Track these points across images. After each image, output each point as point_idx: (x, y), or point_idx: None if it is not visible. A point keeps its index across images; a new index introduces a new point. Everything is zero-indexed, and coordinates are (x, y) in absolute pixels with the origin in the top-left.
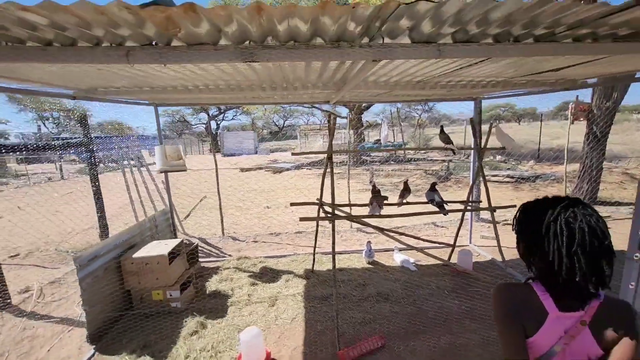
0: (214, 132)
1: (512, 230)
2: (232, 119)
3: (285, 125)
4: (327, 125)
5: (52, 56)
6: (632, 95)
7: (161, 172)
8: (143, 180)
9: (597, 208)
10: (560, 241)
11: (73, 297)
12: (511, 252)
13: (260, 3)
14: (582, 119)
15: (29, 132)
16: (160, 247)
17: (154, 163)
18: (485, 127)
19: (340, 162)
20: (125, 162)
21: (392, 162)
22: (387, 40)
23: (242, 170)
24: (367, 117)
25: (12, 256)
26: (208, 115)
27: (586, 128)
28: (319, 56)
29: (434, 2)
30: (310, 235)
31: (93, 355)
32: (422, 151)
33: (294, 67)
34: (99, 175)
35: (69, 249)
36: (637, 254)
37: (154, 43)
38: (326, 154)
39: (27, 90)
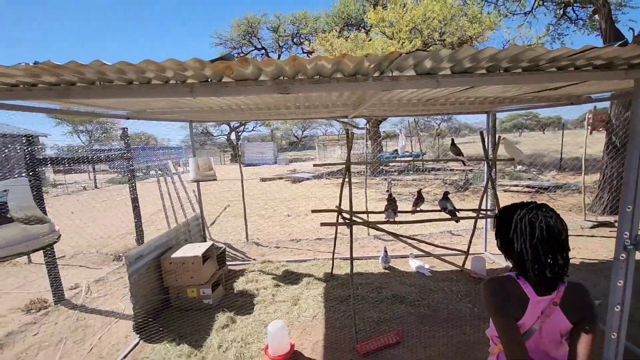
0: (234, 143)
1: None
2: (252, 130)
3: (303, 136)
4: (344, 135)
5: (134, 91)
6: None
7: (194, 182)
8: (175, 189)
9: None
10: (524, 236)
11: (116, 294)
12: None
13: (295, 56)
14: (600, 129)
15: (63, 145)
16: (194, 249)
17: (180, 172)
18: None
19: (358, 172)
20: (155, 172)
21: (410, 172)
22: (395, 73)
23: (262, 180)
24: (384, 127)
25: (59, 257)
26: (229, 127)
27: (605, 138)
28: (339, 88)
29: (427, 51)
30: (329, 241)
31: (138, 343)
32: (441, 161)
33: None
34: (127, 185)
35: (109, 252)
36: (622, 255)
37: (209, 80)
38: (345, 165)
39: (94, 113)
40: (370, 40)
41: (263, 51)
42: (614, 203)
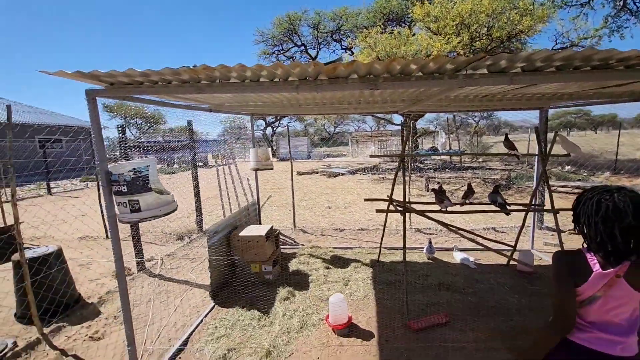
0: (269, 138)
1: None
2: (287, 125)
3: (335, 132)
4: (378, 132)
5: (248, 87)
6: None
7: (254, 170)
8: (231, 178)
9: None
10: (588, 212)
11: (185, 267)
12: None
13: (394, 56)
14: None
15: (114, 137)
16: (258, 229)
17: (219, 165)
18: (550, 135)
19: (392, 169)
20: (212, 162)
21: (447, 170)
22: (469, 71)
23: (299, 173)
24: (419, 123)
25: (129, 235)
26: (265, 122)
27: None
28: (421, 85)
29: (504, 52)
30: (372, 232)
31: (214, 307)
32: (480, 159)
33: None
34: (172, 174)
35: (172, 232)
36: None
37: (307, 78)
38: (399, 157)
39: (187, 106)
40: (414, 35)
41: (302, 47)
42: None
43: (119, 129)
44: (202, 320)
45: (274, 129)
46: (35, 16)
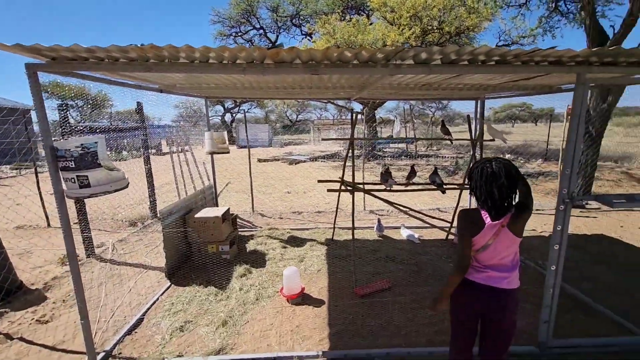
0: (229, 125)
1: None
2: (247, 111)
3: (297, 119)
4: (340, 120)
5: (196, 67)
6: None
7: (209, 154)
8: (186, 162)
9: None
10: (476, 177)
11: (139, 252)
12: None
13: (329, 46)
14: None
15: (52, 120)
16: (214, 211)
17: (174, 151)
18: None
19: (355, 156)
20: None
21: (402, 158)
22: (398, 61)
23: (259, 160)
24: (379, 113)
25: (75, 223)
26: (224, 107)
27: (568, 128)
28: (355, 72)
29: (423, 47)
30: (328, 214)
31: (170, 286)
32: (434, 148)
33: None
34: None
35: (123, 219)
36: (562, 206)
37: (254, 61)
38: (349, 140)
39: (137, 86)
40: (371, 24)
41: (261, 31)
42: (587, 188)
43: (61, 108)
44: (158, 299)
45: (234, 115)
46: None
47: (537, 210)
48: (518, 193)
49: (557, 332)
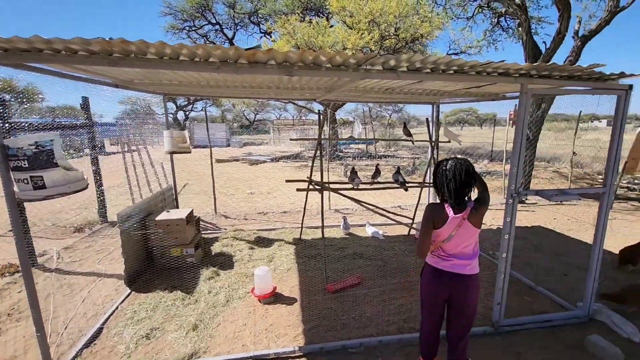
0: (181, 123)
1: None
2: (202, 110)
3: (256, 119)
4: (300, 120)
5: (166, 64)
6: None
7: (169, 153)
8: (135, 164)
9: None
10: (441, 175)
11: (90, 259)
12: None
13: (302, 49)
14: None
15: None
16: (177, 213)
17: (126, 150)
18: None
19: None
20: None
21: (364, 158)
22: (368, 67)
23: (218, 161)
24: (339, 114)
25: (11, 230)
26: (176, 105)
27: (514, 132)
28: (330, 75)
29: (392, 55)
30: (294, 214)
31: (130, 293)
32: (392, 149)
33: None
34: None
35: (67, 225)
36: (510, 200)
37: (228, 61)
38: (317, 140)
39: (82, 78)
40: (331, 26)
41: (217, 26)
42: (526, 185)
43: None
44: (117, 307)
45: (187, 113)
46: None
47: None
48: (475, 189)
49: (507, 313)
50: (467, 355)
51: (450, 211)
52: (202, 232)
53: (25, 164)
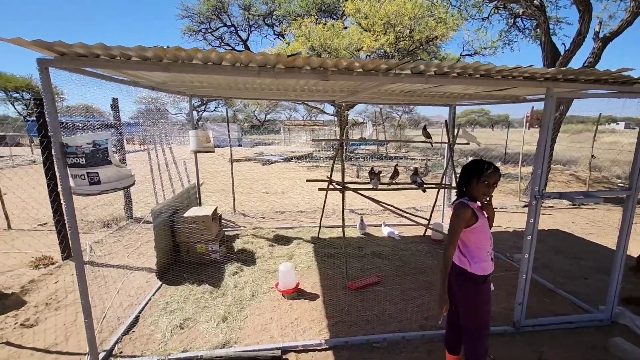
0: (195, 123)
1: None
2: (214, 110)
3: (266, 119)
4: (310, 120)
5: (210, 69)
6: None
7: (194, 152)
8: (165, 162)
9: (545, 200)
10: (476, 172)
11: (119, 253)
12: None
13: (341, 58)
14: (536, 125)
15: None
16: (203, 210)
17: (148, 151)
18: (457, 129)
19: (326, 157)
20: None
21: (375, 159)
22: (398, 71)
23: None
24: (350, 115)
25: (42, 224)
26: (190, 105)
27: (539, 134)
28: (362, 79)
29: (425, 60)
30: (311, 213)
31: (161, 286)
32: (403, 150)
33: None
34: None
35: (94, 220)
36: (533, 202)
37: (266, 66)
38: (339, 141)
39: (126, 81)
40: (345, 28)
41: (232, 28)
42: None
43: (38, 103)
44: (150, 299)
45: (200, 113)
46: None
47: (500, 208)
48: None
49: (528, 313)
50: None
51: (474, 206)
52: (223, 229)
53: (82, 161)
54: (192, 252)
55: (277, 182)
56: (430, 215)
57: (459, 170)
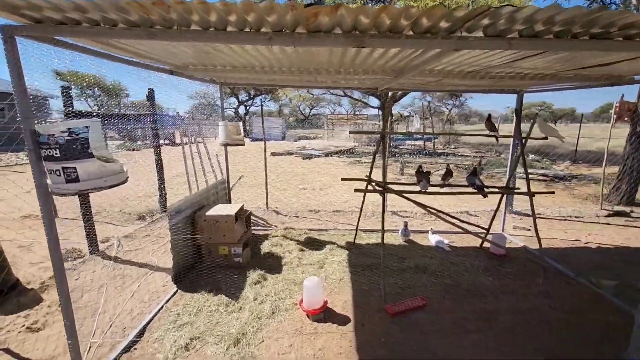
0: (242, 117)
1: None
2: (261, 103)
3: (310, 113)
4: (353, 115)
5: (211, 36)
6: None
7: (223, 145)
8: (194, 155)
9: (634, 209)
10: None
11: (146, 249)
12: (545, 242)
13: (388, 5)
14: (626, 118)
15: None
16: (227, 209)
17: (185, 143)
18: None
19: (368, 152)
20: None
21: (420, 155)
22: (464, 34)
23: (273, 154)
24: (395, 109)
25: (77, 216)
26: (238, 100)
27: (629, 128)
28: (413, 44)
29: (514, 6)
30: (347, 214)
31: (176, 292)
32: (452, 146)
33: (359, 51)
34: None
35: (132, 212)
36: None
37: (283, 30)
38: (380, 133)
39: (140, 64)
40: None
41: None
42: (632, 194)
43: (64, 91)
44: (162, 307)
45: (247, 107)
46: None
47: (576, 217)
48: None
49: None
50: None
51: None
52: (253, 227)
53: (57, 153)
54: (214, 255)
55: (316, 178)
56: (490, 224)
57: (530, 170)
